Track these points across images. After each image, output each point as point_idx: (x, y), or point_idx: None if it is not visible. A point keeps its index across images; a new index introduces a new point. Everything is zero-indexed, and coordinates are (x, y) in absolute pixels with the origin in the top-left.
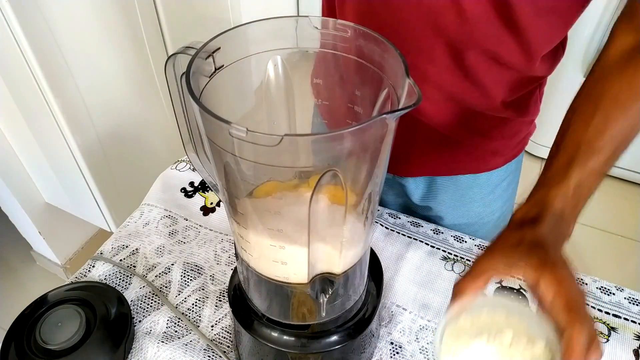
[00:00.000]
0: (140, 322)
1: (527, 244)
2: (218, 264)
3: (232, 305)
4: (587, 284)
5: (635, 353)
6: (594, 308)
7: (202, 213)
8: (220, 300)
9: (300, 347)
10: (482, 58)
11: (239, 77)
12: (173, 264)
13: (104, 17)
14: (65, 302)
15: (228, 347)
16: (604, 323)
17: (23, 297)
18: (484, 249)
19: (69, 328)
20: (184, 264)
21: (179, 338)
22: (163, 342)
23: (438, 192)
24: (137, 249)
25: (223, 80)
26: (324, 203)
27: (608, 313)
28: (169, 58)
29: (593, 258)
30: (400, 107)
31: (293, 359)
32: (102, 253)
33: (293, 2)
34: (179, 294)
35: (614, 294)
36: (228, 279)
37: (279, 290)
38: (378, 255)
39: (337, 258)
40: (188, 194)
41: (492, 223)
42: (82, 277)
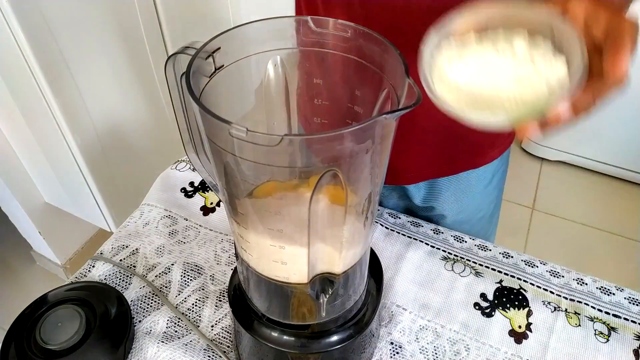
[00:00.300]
0: (140, 322)
1: None
2: (218, 264)
3: (232, 305)
4: (587, 284)
5: (635, 353)
6: (594, 308)
7: (202, 213)
8: (220, 300)
9: (300, 347)
10: None
11: (239, 77)
12: (173, 264)
13: (104, 17)
14: (65, 302)
15: (228, 347)
16: (604, 323)
17: (23, 297)
18: None
19: (69, 328)
20: (184, 264)
21: (179, 338)
22: (163, 342)
23: (440, 191)
24: (137, 249)
25: (223, 80)
26: (324, 203)
27: (608, 313)
28: (169, 58)
29: (593, 258)
30: (400, 107)
31: (293, 359)
32: (102, 253)
33: (293, 2)
34: (179, 294)
35: (614, 294)
36: (228, 279)
37: (279, 290)
38: (378, 255)
39: (337, 258)
40: (188, 194)
41: (487, 217)
42: (82, 277)
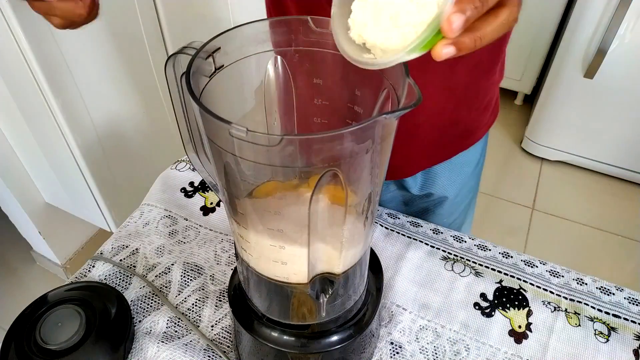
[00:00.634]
0: (140, 322)
1: None
2: (218, 264)
3: (232, 305)
4: (587, 284)
5: (635, 353)
6: (594, 308)
7: (202, 213)
8: (220, 300)
9: (300, 347)
10: None
11: (239, 77)
12: (173, 264)
13: (104, 17)
14: (65, 302)
15: (228, 347)
16: (604, 323)
17: (23, 297)
18: None
19: (69, 328)
20: (184, 264)
21: (179, 338)
22: (163, 342)
23: (436, 177)
24: (137, 249)
25: (223, 80)
26: (324, 203)
27: (608, 313)
28: (169, 58)
29: (593, 258)
30: (400, 107)
31: (293, 359)
32: (102, 253)
33: None
34: (179, 294)
35: (614, 294)
36: (228, 279)
37: (279, 290)
38: (378, 255)
39: (337, 258)
40: (188, 194)
41: (473, 199)
42: (82, 277)
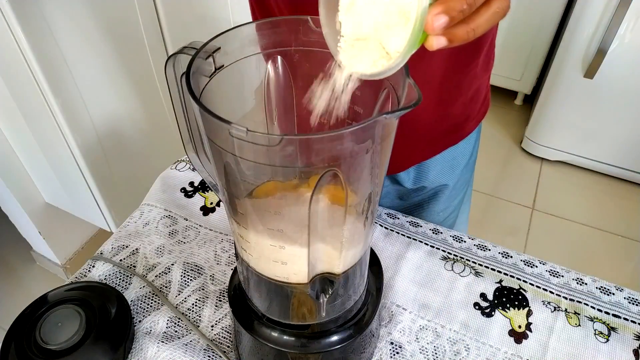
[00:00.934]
0: (140, 322)
1: None
2: (218, 264)
3: (232, 305)
4: (586, 284)
5: (635, 353)
6: (594, 308)
7: (202, 213)
8: (220, 300)
9: (300, 347)
10: None
11: (239, 77)
12: (173, 264)
13: (104, 17)
14: (65, 302)
15: (228, 347)
16: (604, 323)
17: (23, 297)
18: None
19: (69, 328)
20: (184, 264)
21: (179, 338)
22: (163, 342)
23: (428, 171)
24: (137, 249)
25: (223, 80)
26: (324, 203)
27: (608, 313)
28: (169, 58)
29: (593, 258)
30: (401, 107)
31: (293, 359)
32: (102, 253)
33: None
34: (179, 294)
35: (614, 294)
36: (228, 279)
37: (279, 290)
38: (378, 255)
39: (337, 258)
40: (188, 194)
41: (467, 195)
42: (82, 277)
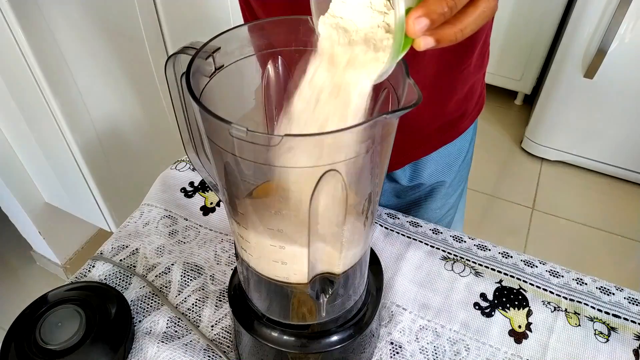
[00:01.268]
0: (140, 322)
1: None
2: (218, 264)
3: (232, 305)
4: (586, 284)
5: (635, 353)
6: (594, 308)
7: (202, 213)
8: (220, 300)
9: (300, 347)
10: None
11: (239, 77)
12: (173, 264)
13: (104, 17)
14: (65, 302)
15: (228, 347)
16: (604, 323)
17: (23, 297)
18: None
19: (69, 328)
20: (184, 264)
21: (179, 338)
22: (163, 342)
23: (424, 168)
24: (137, 249)
25: (223, 80)
26: (324, 203)
27: (608, 313)
28: (169, 58)
29: (593, 258)
30: (401, 107)
31: (293, 359)
32: (102, 253)
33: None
34: (179, 294)
35: (614, 294)
36: (228, 279)
37: (279, 290)
38: (378, 255)
39: (337, 258)
40: (188, 194)
41: (463, 192)
42: (82, 277)
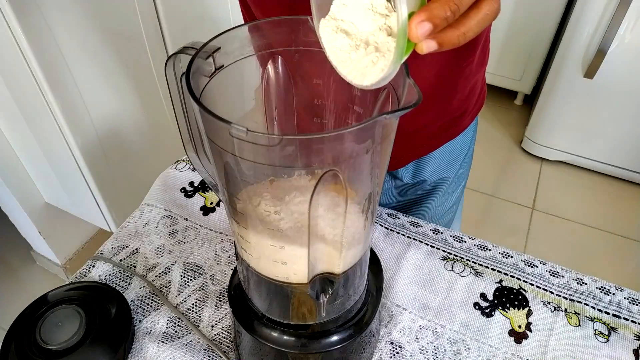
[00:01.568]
0: (140, 322)
1: None
2: (218, 264)
3: (232, 305)
4: (586, 284)
5: (635, 353)
6: (594, 308)
7: (202, 213)
8: (220, 300)
9: (300, 347)
10: None
11: (239, 77)
12: (173, 264)
13: (104, 17)
14: (65, 302)
15: (228, 347)
16: (604, 323)
17: (23, 297)
18: None
19: (69, 328)
20: (184, 264)
21: (179, 338)
22: (163, 342)
23: (427, 166)
24: (137, 249)
25: (223, 80)
26: (324, 203)
27: (608, 313)
28: (169, 58)
29: (593, 258)
30: (401, 107)
31: (293, 359)
32: (102, 253)
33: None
34: (179, 294)
35: (614, 294)
36: (228, 279)
37: (279, 290)
38: (378, 255)
39: (337, 258)
40: (188, 194)
41: (464, 188)
42: (82, 277)
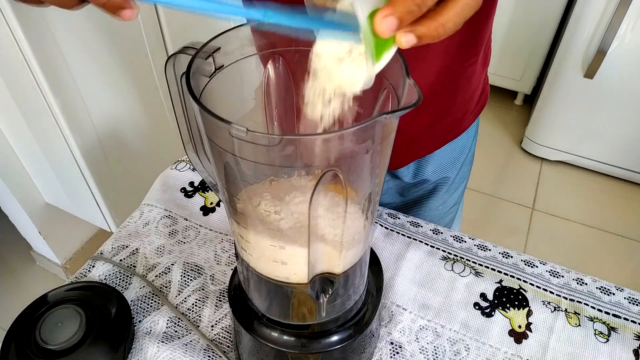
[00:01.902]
0: (140, 322)
1: None
2: (218, 264)
3: (232, 305)
4: (587, 284)
5: (635, 353)
6: (594, 308)
7: (202, 213)
8: (220, 300)
9: (300, 347)
10: None
11: (239, 77)
12: (173, 264)
13: (104, 17)
14: (65, 302)
15: (228, 347)
16: (604, 323)
17: (23, 297)
18: None
19: (69, 328)
20: (184, 264)
21: (179, 338)
22: (163, 342)
23: (428, 165)
24: (137, 249)
25: (223, 80)
26: (324, 203)
27: (608, 313)
28: (169, 58)
29: (593, 258)
30: (401, 107)
31: (293, 359)
32: (102, 253)
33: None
34: (179, 294)
35: (614, 294)
36: (228, 279)
37: (279, 290)
38: (378, 255)
39: (337, 258)
40: (188, 194)
41: (464, 188)
42: (82, 277)
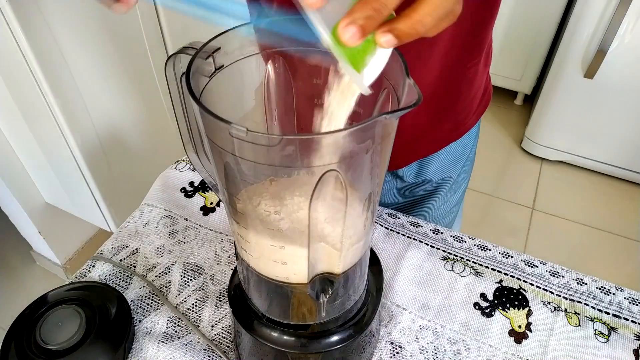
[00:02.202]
0: (140, 322)
1: None
2: (218, 264)
3: (232, 305)
4: (587, 284)
5: (635, 353)
6: (594, 308)
7: (202, 213)
8: (220, 300)
9: (300, 347)
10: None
11: (239, 77)
12: (173, 264)
13: (104, 17)
14: (65, 302)
15: (228, 347)
16: (604, 323)
17: (23, 297)
18: None
19: (69, 328)
20: (184, 264)
21: (179, 338)
22: (163, 342)
23: (429, 165)
24: (137, 249)
25: (223, 80)
26: (324, 203)
27: (608, 313)
28: (169, 58)
29: (593, 258)
30: (401, 107)
31: (293, 359)
32: (102, 253)
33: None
34: (179, 294)
35: (614, 294)
36: (228, 279)
37: (279, 290)
38: (378, 255)
39: (337, 258)
40: (188, 194)
41: (465, 189)
42: (82, 277)
